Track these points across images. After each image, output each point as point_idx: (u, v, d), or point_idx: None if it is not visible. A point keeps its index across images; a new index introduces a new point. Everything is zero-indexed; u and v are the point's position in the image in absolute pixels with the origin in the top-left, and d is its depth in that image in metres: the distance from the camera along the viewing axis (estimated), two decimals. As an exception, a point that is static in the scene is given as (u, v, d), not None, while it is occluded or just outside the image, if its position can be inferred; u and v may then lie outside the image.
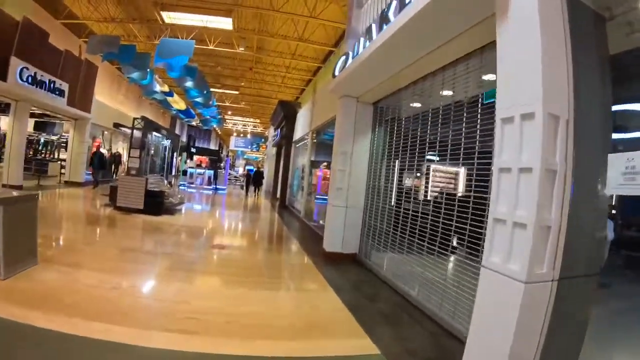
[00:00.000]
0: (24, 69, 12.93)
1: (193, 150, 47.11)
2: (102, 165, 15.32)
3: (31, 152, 20.64)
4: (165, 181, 14.01)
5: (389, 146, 7.48)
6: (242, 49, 19.53)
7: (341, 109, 8.32)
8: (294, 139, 18.65)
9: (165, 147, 13.66)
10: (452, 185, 7.02)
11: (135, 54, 14.45)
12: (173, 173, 27.12)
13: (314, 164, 14.22)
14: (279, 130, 22.10)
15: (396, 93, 7.26)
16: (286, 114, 19.15)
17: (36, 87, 13.71)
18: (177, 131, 42.48)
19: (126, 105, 26.20)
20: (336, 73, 7.67)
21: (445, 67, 5.53)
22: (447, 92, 5.67)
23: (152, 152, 12.96)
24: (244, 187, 28.55)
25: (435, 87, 5.91)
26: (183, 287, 5.41)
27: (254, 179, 26.76)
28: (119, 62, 16.90)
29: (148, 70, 16.53)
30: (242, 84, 28.01)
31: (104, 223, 9.96)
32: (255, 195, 26.12)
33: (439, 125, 5.69)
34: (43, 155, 21.15)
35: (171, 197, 12.80)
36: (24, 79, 12.99)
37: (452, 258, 5.18)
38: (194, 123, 40.24)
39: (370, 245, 7.79)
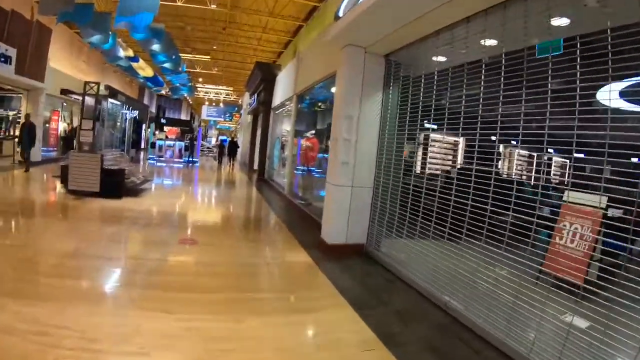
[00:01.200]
0: None
1: (163, 120, 44.79)
2: (32, 142, 12.97)
3: None
4: (127, 156, 12.04)
5: (407, 110, 5.83)
6: (214, 5, 17.30)
7: (346, 61, 6.54)
8: (273, 105, 16.75)
9: (126, 116, 11.56)
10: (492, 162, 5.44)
11: (93, 14, 12.32)
12: (142, 146, 24.84)
13: (299, 134, 12.45)
14: (255, 96, 20.08)
15: (419, 42, 5.58)
16: (264, 77, 17.17)
17: None
18: (145, 101, 39.94)
19: (88, 73, 23.56)
20: (340, 14, 5.87)
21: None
22: (491, 42, 4.43)
23: (110, 123, 10.88)
24: (217, 158, 28.96)
25: (474, 34, 4.46)
26: (134, 321, 3.55)
27: (228, 149, 26.89)
28: (76, 24, 14.74)
29: (110, 33, 14.38)
30: (214, 47, 25.54)
31: (45, 214, 8.10)
32: (230, 166, 25.67)
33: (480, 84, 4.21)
34: None
35: (133, 176, 10.91)
36: None
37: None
38: (163, 92, 37.68)
39: (384, 234, 6.22)
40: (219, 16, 19.83)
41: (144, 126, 27.53)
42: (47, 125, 17.56)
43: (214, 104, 49.14)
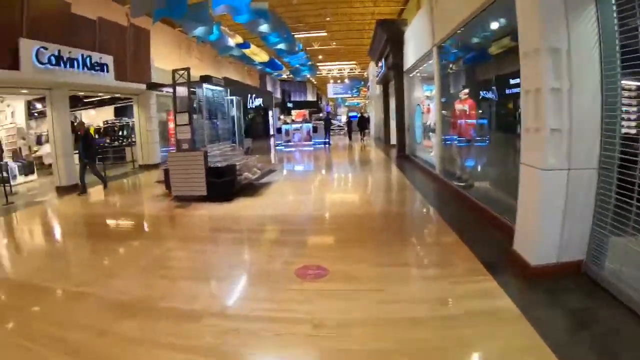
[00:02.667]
0: (41, 50, 10.36)
1: (289, 104, 44.54)
2: (89, 154, 10.92)
3: (108, 140, 19.80)
4: (240, 149, 10.65)
5: None
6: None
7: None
8: (405, 68, 14.15)
9: (232, 102, 10.17)
10: None
11: (186, 6, 11.23)
12: (270, 133, 24.12)
13: (446, 96, 9.77)
14: (382, 61, 17.55)
15: None
16: (390, 36, 14.58)
17: (65, 67, 11.09)
18: (268, 88, 39.90)
19: (202, 68, 23.43)
20: None
21: None
22: None
23: (210, 113, 9.52)
24: (347, 134, 29.13)
25: None
26: None
27: (358, 125, 27.62)
28: (175, 20, 13.96)
29: (212, 22, 13.31)
30: (328, 19, 23.56)
31: (135, 231, 6.95)
32: (362, 140, 25.87)
33: None
34: (120, 141, 19.71)
35: (247, 171, 9.40)
36: (44, 61, 10.43)
37: None
38: (284, 76, 37.03)
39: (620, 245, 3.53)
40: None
41: (270, 112, 26.90)
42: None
43: (338, 81, 47.64)
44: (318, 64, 37.42)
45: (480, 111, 8.40)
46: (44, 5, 10.82)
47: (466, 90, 8.60)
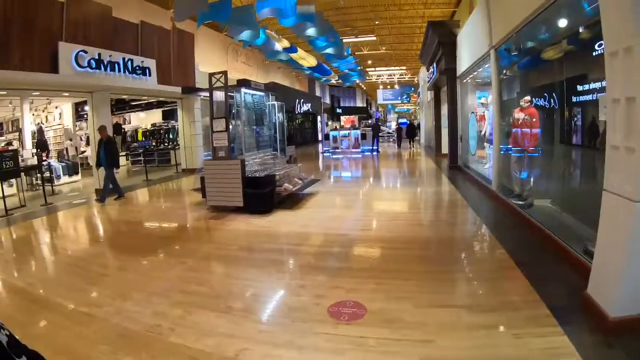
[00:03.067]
0: (81, 54, 10.48)
1: (338, 110, 44.05)
2: (112, 162, 10.26)
3: (154, 143, 20.39)
4: (282, 157, 10.11)
5: None
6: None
7: None
8: (458, 73, 13.21)
9: (274, 107, 9.65)
10: None
11: (231, 8, 10.99)
12: (320, 139, 23.66)
13: (506, 103, 8.82)
14: (433, 66, 16.62)
15: None
16: (442, 38, 13.69)
17: (105, 70, 11.21)
18: (317, 93, 39.60)
19: (249, 73, 23.42)
20: None
21: None
22: None
23: (249, 119, 9.06)
24: (397, 142, 29.01)
25: None
26: None
27: (407, 132, 28.48)
28: (220, 24, 13.87)
29: (258, 26, 13.01)
30: (377, 22, 22.87)
31: (162, 244, 6.43)
32: (411, 147, 26.31)
33: None
34: (166, 145, 20.13)
35: (288, 182, 8.85)
36: (84, 65, 10.55)
37: None
38: (333, 81, 36.53)
39: None
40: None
41: (318, 118, 26.50)
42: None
43: (388, 86, 46.74)
44: (367, 69, 36.75)
45: (544, 121, 7.45)
46: (84, 9, 10.92)
47: (528, 97, 7.66)
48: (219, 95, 8.39)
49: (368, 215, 7.92)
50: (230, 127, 8.45)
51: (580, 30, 6.00)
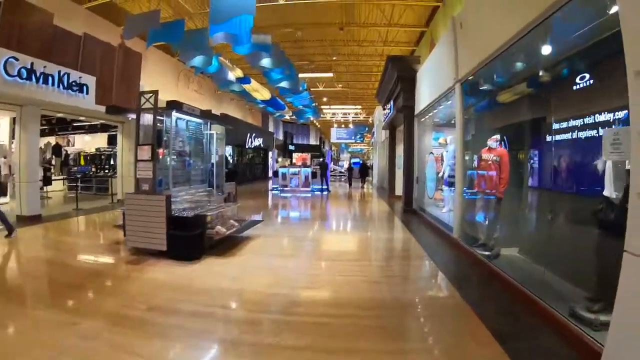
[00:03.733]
0: (11, 60, 9.02)
1: (291, 147, 43.21)
2: None
3: (93, 169, 18.99)
4: (218, 195, 8.75)
5: None
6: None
7: None
8: (416, 111, 12.52)
9: (212, 139, 8.30)
10: None
11: (183, 31, 10.31)
12: (270, 175, 22.44)
13: (471, 142, 8.00)
14: (391, 103, 15.95)
15: None
16: (401, 74, 13.02)
17: (37, 82, 9.77)
18: (270, 128, 38.71)
19: (200, 102, 22.12)
20: None
21: None
22: None
23: (185, 148, 7.72)
24: (348, 181, 29.10)
25: None
26: None
27: (360, 172, 29.26)
28: (172, 46, 12.92)
29: (211, 52, 12.33)
30: (334, 58, 22.41)
31: (57, 294, 4.84)
32: (362, 187, 26.46)
33: None
34: (105, 172, 18.54)
35: (222, 224, 7.48)
36: (14, 74, 9.10)
37: None
38: (287, 117, 35.80)
39: None
40: (333, 16, 16.49)
41: (270, 154, 25.37)
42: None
43: (342, 125, 46.61)
44: (322, 107, 36.31)
45: (517, 162, 6.67)
46: (22, 11, 9.47)
47: (497, 136, 6.86)
48: (148, 119, 7.08)
49: (313, 267, 6.59)
50: (159, 156, 7.16)
51: (561, 61, 5.30)
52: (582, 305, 4.04)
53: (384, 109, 19.03)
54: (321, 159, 25.26)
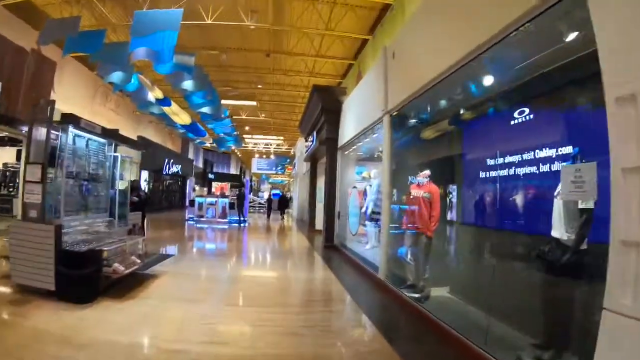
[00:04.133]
0: None
1: (211, 175, 41.57)
2: None
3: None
4: (122, 226, 7.55)
5: None
6: (253, 24, 13.36)
7: None
8: (340, 144, 12.16)
9: (115, 160, 7.12)
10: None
11: (103, 42, 9.32)
12: (186, 204, 20.92)
13: (399, 178, 7.57)
14: (313, 135, 15.54)
15: None
16: (326, 104, 12.67)
17: None
18: (190, 155, 37.09)
19: (116, 122, 20.39)
20: None
21: None
22: None
23: (80, 171, 6.53)
24: (267, 213, 29.01)
25: None
26: None
27: (279, 204, 29.33)
28: (91, 60, 12.33)
29: (131, 68, 11.34)
30: (259, 86, 21.84)
31: None
32: (282, 219, 26.49)
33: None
34: (9, 190, 16.13)
35: (121, 262, 6.29)
36: None
37: None
38: (207, 144, 34.42)
39: None
40: (260, 42, 16.01)
41: (188, 182, 23.86)
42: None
43: (264, 156, 45.83)
44: (244, 136, 35.43)
45: (449, 199, 6.34)
46: None
47: (427, 172, 6.50)
48: (42, 134, 5.92)
49: (224, 315, 5.60)
50: (52, 178, 6.01)
51: (494, 95, 5.11)
52: (530, 353, 3.61)
53: (307, 141, 18.64)
54: (239, 189, 24.21)
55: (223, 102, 19.16)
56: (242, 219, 20.36)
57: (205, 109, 16.14)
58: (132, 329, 4.74)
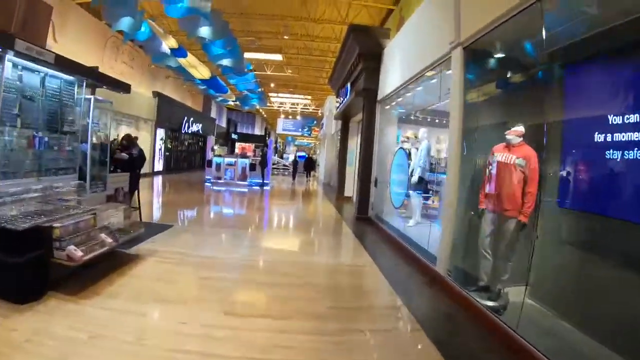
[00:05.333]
0: None
1: (234, 136, 39.81)
2: None
3: None
4: (97, 190, 5.77)
5: None
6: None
7: None
8: (380, 96, 10.08)
9: (87, 105, 5.23)
10: None
11: None
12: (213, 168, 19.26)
13: (474, 135, 5.42)
14: (347, 87, 13.34)
15: None
16: (364, 49, 10.49)
17: None
18: (213, 114, 35.40)
19: (131, 76, 18.70)
20: None
21: None
22: None
23: (32, 117, 4.68)
24: (292, 175, 28.10)
25: None
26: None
27: (305, 165, 28.62)
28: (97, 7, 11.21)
29: (141, 16, 10.58)
30: (285, 37, 19.54)
31: None
32: (307, 182, 25.61)
33: None
34: None
35: (76, 242, 4.47)
36: None
37: None
38: (231, 103, 32.45)
39: None
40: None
41: (208, 140, 22.07)
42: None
43: (290, 116, 43.74)
44: (270, 94, 33.37)
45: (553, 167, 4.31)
46: None
47: (520, 128, 4.47)
48: None
49: (221, 330, 3.72)
50: None
51: None
52: None
53: (338, 96, 16.50)
54: (262, 150, 22.41)
55: (246, 55, 17.25)
56: (264, 182, 18.66)
57: (226, 61, 14.64)
58: (78, 350, 3.02)
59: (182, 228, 8.08)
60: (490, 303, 4.40)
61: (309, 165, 28.99)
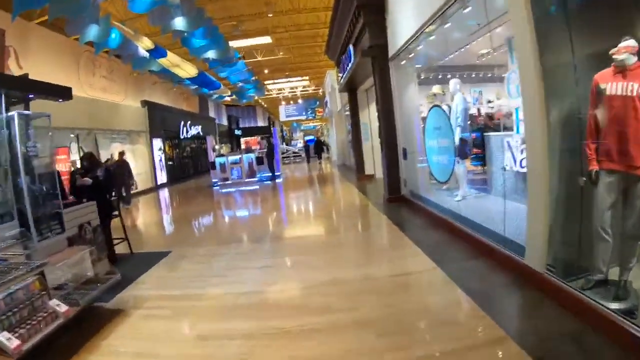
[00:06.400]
0: None
1: (237, 132, 38.20)
2: None
3: None
4: (50, 236, 4.24)
5: None
6: None
7: None
8: (392, 52, 8.41)
9: (14, 125, 3.69)
10: None
11: None
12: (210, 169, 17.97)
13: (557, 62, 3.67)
14: (349, 50, 11.53)
15: None
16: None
17: None
18: (212, 114, 34.00)
19: (114, 90, 17.39)
20: None
21: None
22: None
23: None
24: (306, 160, 29.70)
25: None
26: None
27: (316, 148, 29.19)
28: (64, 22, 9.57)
29: (106, 20, 9.97)
30: (270, 15, 17.77)
31: None
32: (320, 166, 25.19)
33: None
34: None
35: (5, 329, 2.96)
36: None
37: None
38: (227, 99, 30.80)
39: None
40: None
41: (207, 141, 20.33)
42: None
43: (291, 101, 42.19)
44: (266, 82, 31.70)
45: None
46: None
47: (633, 43, 2.86)
48: None
49: None
50: None
51: None
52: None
53: (339, 66, 14.81)
54: (267, 140, 20.83)
55: (232, 44, 15.86)
56: (275, 174, 17.22)
57: (210, 53, 13.83)
58: None
59: (181, 253, 6.46)
60: (615, 305, 2.88)
61: (319, 147, 29.50)
